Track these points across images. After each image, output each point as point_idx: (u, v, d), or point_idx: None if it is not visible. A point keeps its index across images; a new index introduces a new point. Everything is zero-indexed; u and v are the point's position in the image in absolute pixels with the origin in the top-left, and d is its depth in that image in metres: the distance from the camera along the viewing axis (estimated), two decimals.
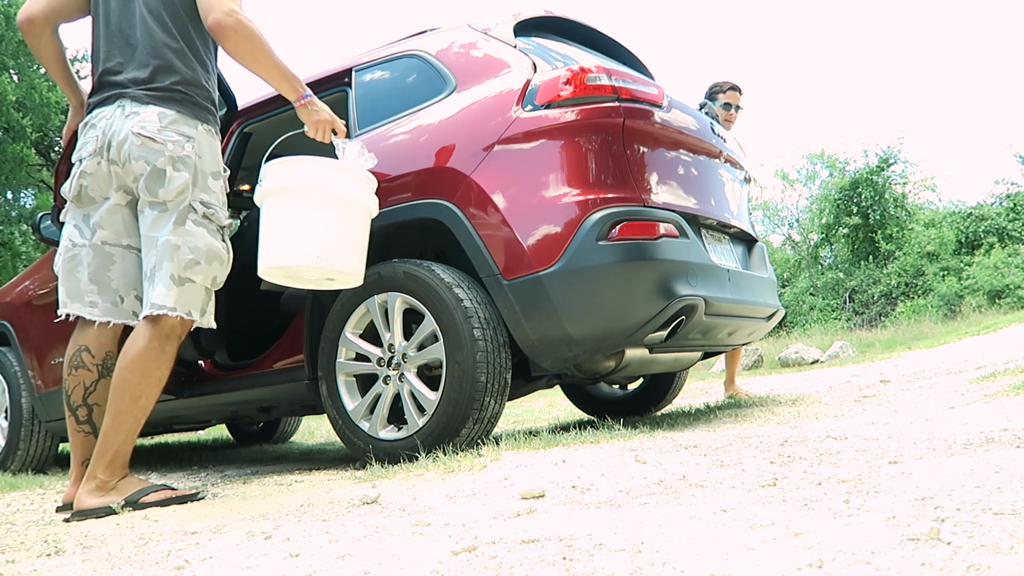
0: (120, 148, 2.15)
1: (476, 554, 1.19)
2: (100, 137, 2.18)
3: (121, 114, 2.17)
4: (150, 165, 2.13)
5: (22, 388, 3.64)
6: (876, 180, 18.15)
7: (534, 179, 2.29)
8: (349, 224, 2.26)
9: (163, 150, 2.13)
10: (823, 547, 1.02)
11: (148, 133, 2.13)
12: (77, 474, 2.25)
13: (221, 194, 2.27)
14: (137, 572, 1.35)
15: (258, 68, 2.23)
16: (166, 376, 2.16)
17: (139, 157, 2.13)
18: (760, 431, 2.23)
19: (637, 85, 2.42)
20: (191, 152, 2.17)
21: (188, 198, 2.16)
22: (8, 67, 16.93)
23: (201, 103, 2.25)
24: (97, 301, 2.23)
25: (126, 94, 2.18)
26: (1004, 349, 5.37)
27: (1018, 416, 2.03)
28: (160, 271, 2.13)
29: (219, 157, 2.29)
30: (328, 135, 2.37)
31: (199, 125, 2.22)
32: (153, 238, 2.16)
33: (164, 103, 2.17)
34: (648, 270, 2.22)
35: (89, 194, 2.23)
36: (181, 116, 2.19)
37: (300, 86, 2.31)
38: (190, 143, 2.18)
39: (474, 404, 2.23)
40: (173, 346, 2.16)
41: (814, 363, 8.56)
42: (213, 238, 2.20)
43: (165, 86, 2.19)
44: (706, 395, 5.16)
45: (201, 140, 2.22)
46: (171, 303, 2.12)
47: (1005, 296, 12.87)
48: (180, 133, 2.17)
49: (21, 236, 18.40)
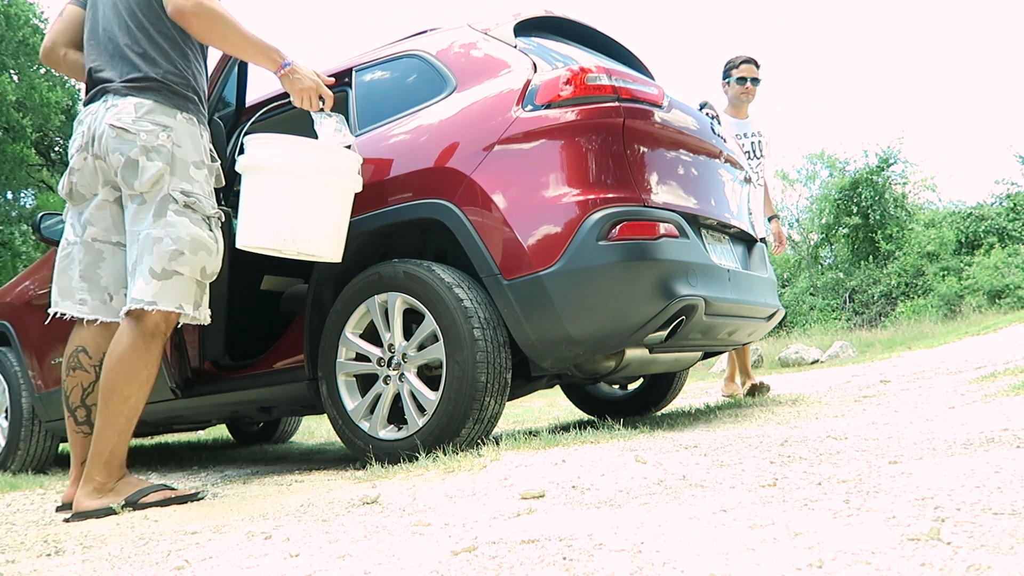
0: (100, 141, 2.14)
1: (476, 554, 1.19)
2: (86, 132, 2.18)
3: (103, 108, 2.16)
4: (124, 156, 2.11)
5: (22, 388, 3.64)
6: (876, 180, 18.15)
7: (534, 179, 2.29)
8: (321, 205, 2.25)
9: (136, 140, 2.10)
10: (823, 547, 1.02)
11: (122, 124, 2.11)
12: (76, 473, 2.26)
13: (206, 183, 2.22)
14: (137, 572, 1.35)
15: (229, 47, 2.21)
16: (154, 374, 2.13)
17: (115, 149, 2.12)
18: (760, 431, 2.23)
19: (637, 85, 2.42)
20: (166, 141, 2.13)
21: (166, 188, 2.12)
22: (8, 67, 16.94)
23: (180, 92, 2.21)
24: (87, 299, 2.23)
25: (109, 88, 2.18)
26: (1004, 349, 5.36)
27: (1018, 416, 2.03)
28: (140, 265, 2.10)
29: (202, 146, 2.24)
30: (315, 102, 2.30)
31: (178, 114, 2.18)
32: (135, 232, 2.13)
33: (142, 93, 2.15)
34: (648, 270, 2.22)
35: (80, 191, 2.23)
36: (158, 105, 2.15)
37: (278, 55, 2.24)
38: (166, 132, 2.14)
39: (474, 404, 2.23)
40: (158, 343, 2.12)
41: (814, 363, 8.56)
42: (197, 227, 2.15)
43: (142, 76, 2.17)
44: (706, 395, 5.16)
45: (180, 129, 2.17)
46: (150, 297, 2.07)
47: (1005, 296, 12.87)
48: (155, 123, 2.13)
49: (21, 236, 18.41)
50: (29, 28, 17.45)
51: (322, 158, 2.24)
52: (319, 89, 2.30)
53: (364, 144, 2.67)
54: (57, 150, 19.90)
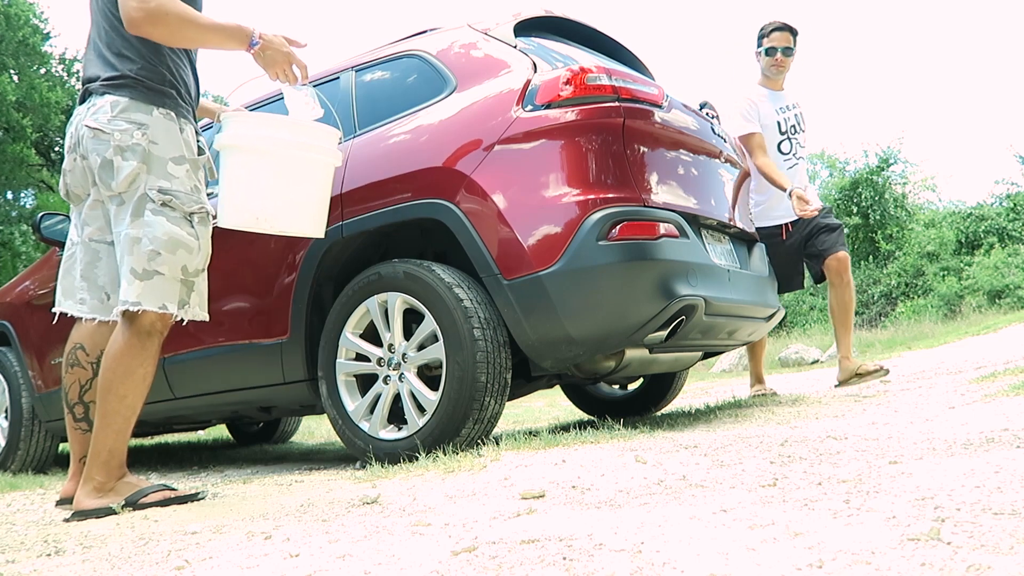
0: (82, 143, 2.14)
1: (476, 554, 1.19)
2: (74, 134, 2.18)
3: (85, 109, 2.16)
4: (100, 157, 2.09)
5: (22, 388, 3.64)
6: (876, 180, 18.14)
7: (534, 179, 2.29)
8: (300, 182, 2.21)
9: (110, 140, 2.09)
10: (823, 547, 1.02)
11: (97, 124, 2.09)
12: (76, 469, 2.28)
13: (188, 179, 2.16)
14: (137, 572, 1.35)
15: (193, 44, 2.16)
16: (151, 373, 2.12)
17: (93, 150, 2.11)
18: (760, 431, 2.23)
19: (637, 85, 2.42)
20: (140, 139, 2.09)
21: (142, 187, 2.08)
22: (8, 67, 16.94)
23: (156, 87, 2.16)
24: (86, 298, 2.24)
25: (90, 89, 2.18)
26: (1004, 349, 5.36)
27: (1018, 416, 2.03)
28: (123, 266, 2.09)
29: (181, 140, 2.18)
30: (290, 74, 2.23)
31: (155, 110, 2.14)
32: (117, 233, 2.13)
33: (118, 91, 2.13)
34: (648, 270, 2.22)
35: (75, 191, 2.24)
36: (133, 102, 2.12)
37: (244, 35, 2.15)
38: (140, 130, 2.10)
39: (474, 404, 2.23)
40: (154, 342, 2.11)
41: (814, 363, 8.57)
42: (175, 226, 2.09)
43: (118, 75, 2.14)
44: (706, 395, 5.16)
45: (156, 125, 2.13)
46: (134, 298, 2.05)
47: (1005, 296, 12.87)
48: (130, 121, 2.10)
49: (21, 236, 18.41)
50: (29, 28, 17.46)
51: (299, 134, 2.19)
52: (291, 58, 2.21)
53: (364, 144, 2.67)
54: (57, 150, 19.91)
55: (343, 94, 2.91)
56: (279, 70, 2.20)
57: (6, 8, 16.81)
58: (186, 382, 2.99)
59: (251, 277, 2.81)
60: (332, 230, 2.55)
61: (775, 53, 3.81)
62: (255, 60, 2.19)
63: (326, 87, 2.97)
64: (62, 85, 18.60)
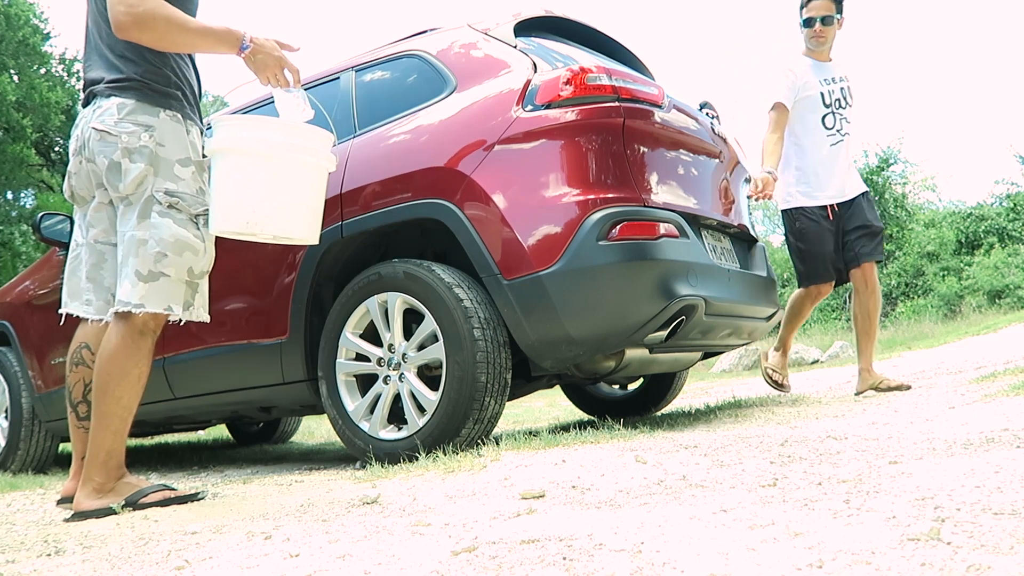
0: (88, 145, 2.14)
1: (476, 554, 1.19)
2: (79, 136, 2.18)
3: (91, 111, 2.16)
4: (108, 159, 2.09)
5: (22, 388, 3.64)
6: (876, 180, 18.14)
7: (534, 179, 2.29)
8: (293, 187, 2.16)
9: (118, 142, 2.08)
10: (823, 547, 1.02)
11: (104, 127, 2.09)
12: (77, 467, 2.28)
13: (194, 181, 2.17)
14: (137, 572, 1.35)
15: (186, 47, 2.14)
16: (146, 373, 2.11)
17: (99, 152, 2.10)
18: (760, 431, 2.23)
19: (637, 85, 2.42)
20: (148, 141, 2.10)
21: (149, 189, 2.09)
22: (8, 67, 16.94)
23: (162, 89, 2.16)
24: (92, 299, 2.24)
25: (95, 91, 2.17)
26: (1004, 349, 5.36)
27: (1018, 416, 2.03)
28: (126, 267, 2.09)
29: (188, 142, 2.19)
30: (281, 78, 2.20)
31: (161, 112, 2.14)
32: (121, 233, 2.13)
33: (123, 93, 2.12)
34: (648, 270, 2.22)
35: (80, 193, 2.24)
36: (140, 104, 2.12)
37: (234, 38, 2.12)
38: (148, 132, 2.10)
39: (474, 404, 2.23)
40: (148, 342, 2.11)
41: (814, 363, 8.57)
42: (181, 228, 2.11)
43: (123, 77, 2.14)
44: (706, 395, 5.16)
45: (163, 127, 2.13)
46: (136, 299, 2.05)
47: (1005, 296, 12.87)
48: (137, 123, 2.10)
49: (21, 236, 18.42)
50: (29, 28, 17.46)
51: (292, 137, 2.14)
52: (282, 62, 2.18)
53: (364, 144, 2.67)
54: (57, 150, 19.92)
55: (343, 94, 2.91)
56: (270, 74, 2.17)
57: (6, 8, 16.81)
58: (186, 382, 3.00)
59: (251, 277, 2.81)
60: (332, 230, 2.55)
61: (814, 23, 3.51)
62: (246, 64, 2.17)
63: (326, 87, 2.97)
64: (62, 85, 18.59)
